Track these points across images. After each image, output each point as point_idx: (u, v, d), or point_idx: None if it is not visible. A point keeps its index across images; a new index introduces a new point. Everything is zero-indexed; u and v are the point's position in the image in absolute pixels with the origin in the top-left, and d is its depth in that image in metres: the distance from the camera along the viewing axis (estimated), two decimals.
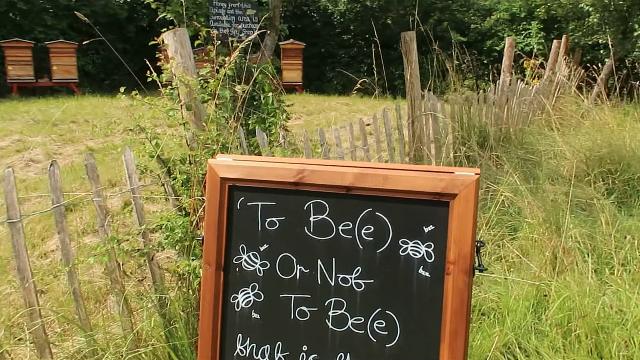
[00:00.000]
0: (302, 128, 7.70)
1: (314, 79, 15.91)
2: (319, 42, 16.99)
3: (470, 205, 1.45)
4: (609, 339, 2.17)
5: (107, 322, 2.21)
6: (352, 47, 17.04)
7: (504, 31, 15.24)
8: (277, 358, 1.62)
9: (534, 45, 13.61)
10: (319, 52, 16.80)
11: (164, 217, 2.04)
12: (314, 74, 15.99)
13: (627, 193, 4.11)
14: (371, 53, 5.71)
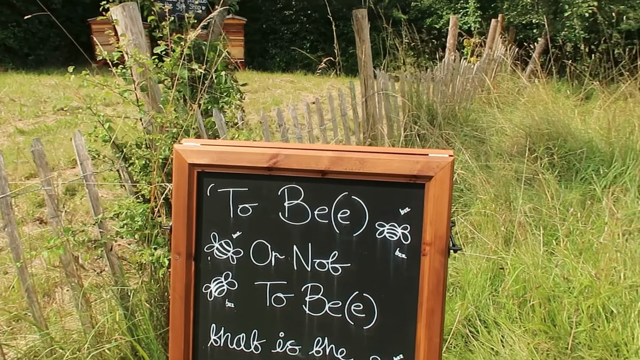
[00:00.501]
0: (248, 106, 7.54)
1: (256, 55, 15.59)
2: (260, 18, 16.60)
3: (445, 187, 1.47)
4: (560, 307, 2.31)
5: (61, 317, 2.09)
6: (294, 23, 16.80)
7: (443, 9, 15.54)
8: (253, 346, 1.60)
9: (471, 24, 14.00)
10: (260, 28, 16.43)
11: (122, 204, 1.92)
12: (256, 51, 15.66)
13: (564, 167, 4.36)
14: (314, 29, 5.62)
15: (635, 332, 2.21)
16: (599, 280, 2.38)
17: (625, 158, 4.01)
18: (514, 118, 5.45)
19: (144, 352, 1.83)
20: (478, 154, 4.12)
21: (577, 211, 3.13)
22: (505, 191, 3.17)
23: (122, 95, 1.98)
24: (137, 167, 2.00)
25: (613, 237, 2.67)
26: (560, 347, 2.20)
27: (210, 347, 1.61)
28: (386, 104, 4.32)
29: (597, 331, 2.23)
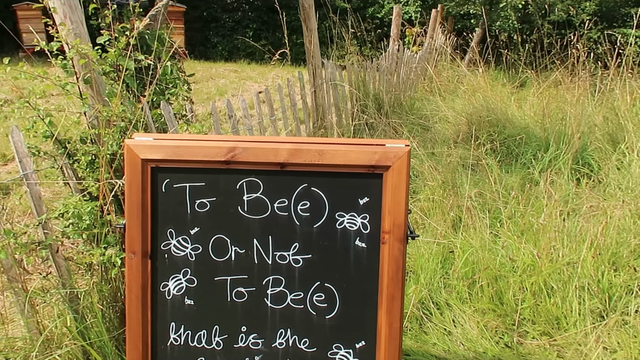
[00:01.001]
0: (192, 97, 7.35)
1: (198, 44, 15.17)
2: (201, 5, 16.13)
3: (403, 176, 1.50)
4: (506, 285, 2.44)
5: (3, 324, 1.97)
6: (236, 11, 16.45)
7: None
8: (214, 342, 1.58)
9: (412, 14, 14.29)
10: (200, 16, 15.97)
11: (68, 203, 1.83)
12: (197, 39, 15.23)
13: (504, 153, 4.57)
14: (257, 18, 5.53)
15: (574, 305, 2.37)
16: (540, 259, 2.53)
17: (559, 143, 4.26)
18: (455, 106, 5.64)
19: (97, 356, 1.76)
20: (424, 142, 4.24)
21: (518, 194, 3.29)
22: (451, 177, 3.28)
23: (65, 88, 1.88)
24: (83, 163, 1.90)
25: (551, 217, 2.84)
26: (508, 323, 2.33)
27: (170, 347, 1.57)
28: (334, 93, 4.34)
29: (540, 307, 2.38)
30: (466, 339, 2.24)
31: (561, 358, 2.19)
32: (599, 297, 2.41)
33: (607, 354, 2.15)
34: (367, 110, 4.41)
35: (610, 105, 5.30)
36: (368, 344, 1.56)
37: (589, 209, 3.11)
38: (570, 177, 3.73)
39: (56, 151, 1.97)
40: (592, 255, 2.51)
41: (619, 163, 3.98)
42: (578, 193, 3.52)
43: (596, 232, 2.66)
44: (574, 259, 2.53)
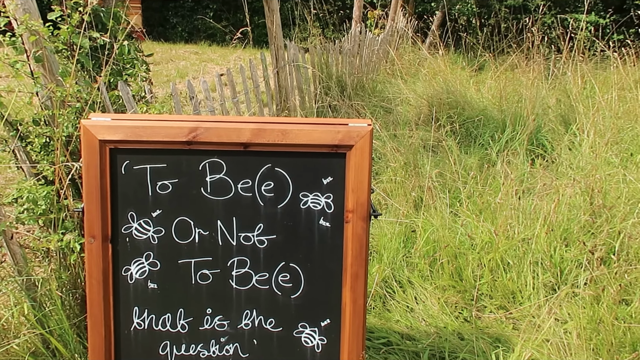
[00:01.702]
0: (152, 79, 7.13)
1: (156, 25, 14.68)
2: None
3: (365, 155, 1.52)
4: (465, 262, 2.52)
5: None
6: None
7: None
8: (179, 325, 1.57)
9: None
10: None
11: (22, 187, 1.76)
12: (155, 20, 14.74)
13: (464, 134, 4.68)
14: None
15: (528, 280, 2.47)
16: (497, 236, 2.62)
17: (515, 124, 4.40)
18: (417, 88, 5.71)
19: (57, 344, 1.72)
20: (387, 124, 4.29)
21: (477, 174, 3.39)
22: (413, 158, 3.34)
23: (14, 67, 1.79)
24: (36, 146, 1.83)
25: (508, 196, 2.94)
26: (467, 299, 2.42)
27: (134, 331, 1.55)
28: (297, 75, 4.32)
29: (497, 282, 2.47)
30: (428, 315, 2.31)
31: (516, 330, 2.29)
32: (551, 271, 2.52)
33: (559, 324, 2.27)
34: (330, 93, 4.42)
35: (562, 88, 5.50)
36: (333, 322, 1.59)
37: (543, 187, 3.24)
38: (525, 157, 3.86)
39: (7, 134, 1.89)
40: (545, 232, 2.62)
41: (570, 143, 4.15)
42: (532, 173, 3.65)
43: (549, 210, 2.78)
44: (529, 235, 2.63)
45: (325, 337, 1.59)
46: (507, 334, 2.23)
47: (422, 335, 2.16)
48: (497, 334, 2.21)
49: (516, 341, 2.13)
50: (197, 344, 1.56)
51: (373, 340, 2.12)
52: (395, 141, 3.60)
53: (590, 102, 4.95)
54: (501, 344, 2.12)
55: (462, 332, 2.21)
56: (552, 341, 2.08)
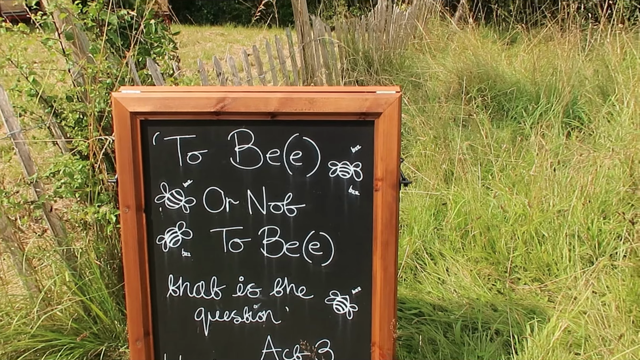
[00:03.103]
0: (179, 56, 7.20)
1: (182, 8, 14.76)
2: None
3: (394, 123, 1.50)
4: (498, 235, 2.48)
5: (2, 285, 1.98)
6: None
7: None
8: (213, 292, 1.60)
9: None
10: None
11: (59, 162, 1.81)
12: (181, 3, 14.81)
13: (495, 108, 4.56)
14: None
15: (564, 252, 2.42)
16: (531, 208, 2.56)
17: (549, 96, 4.25)
18: (446, 63, 5.58)
19: (98, 310, 1.79)
20: (415, 99, 4.22)
21: (509, 147, 3.31)
22: (443, 132, 3.28)
23: (46, 44, 1.83)
24: (70, 121, 1.87)
25: (542, 168, 2.86)
26: (500, 271, 2.38)
27: (170, 298, 1.59)
28: (324, 51, 4.28)
29: (531, 254, 2.42)
30: (460, 287, 2.29)
31: (551, 302, 2.25)
32: (588, 244, 2.45)
33: (596, 297, 2.21)
34: (357, 68, 4.36)
35: (601, 58, 5.28)
36: (364, 290, 1.59)
37: (579, 159, 3.14)
38: (560, 130, 3.74)
39: (42, 110, 1.94)
40: (582, 204, 2.55)
41: (608, 115, 3.99)
42: (568, 145, 3.54)
43: (586, 182, 2.69)
44: (565, 207, 2.57)
45: (357, 305, 1.59)
46: (542, 305, 2.19)
47: (454, 307, 2.14)
48: (531, 306, 2.18)
49: (551, 313, 2.09)
50: (230, 311, 1.59)
51: (404, 311, 2.12)
52: (424, 115, 3.54)
53: (630, 72, 4.74)
54: (536, 315, 2.08)
55: (495, 304, 2.18)
56: (589, 313, 2.03)
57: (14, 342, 1.68)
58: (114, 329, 1.91)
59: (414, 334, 1.99)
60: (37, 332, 1.71)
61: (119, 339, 1.93)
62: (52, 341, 1.74)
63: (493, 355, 1.89)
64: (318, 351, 1.61)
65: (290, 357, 1.62)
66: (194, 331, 1.61)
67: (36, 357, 1.71)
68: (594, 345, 1.90)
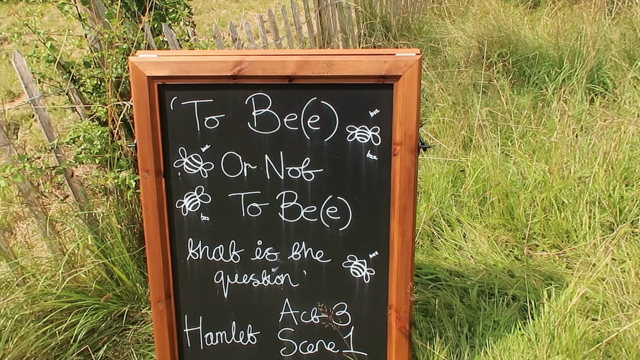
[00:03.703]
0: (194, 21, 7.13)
1: None
2: None
3: (414, 86, 1.47)
4: (517, 201, 2.45)
5: (29, 248, 2.04)
6: None
7: None
8: (232, 256, 1.62)
9: None
10: None
11: (78, 127, 1.83)
12: None
13: (516, 74, 4.45)
14: None
15: (584, 219, 2.39)
16: (551, 174, 2.52)
17: (573, 61, 4.13)
18: (466, 28, 5.43)
19: (120, 273, 1.83)
20: (434, 65, 4.13)
21: (530, 114, 3.24)
22: (462, 98, 3.22)
23: (62, 9, 1.82)
24: (88, 87, 1.88)
25: (564, 135, 2.80)
26: (518, 237, 2.37)
27: (190, 261, 1.62)
28: (340, 16, 4.19)
29: (550, 221, 2.40)
30: (477, 253, 2.28)
31: (570, 268, 2.23)
32: (609, 211, 2.42)
33: (616, 264, 2.19)
34: (375, 34, 4.27)
35: (628, 21, 5.08)
36: (381, 254, 1.60)
37: (602, 126, 3.06)
38: (584, 96, 3.64)
39: (60, 77, 1.95)
40: (605, 170, 2.50)
41: (634, 80, 3.87)
42: (591, 111, 3.45)
43: (609, 148, 2.63)
44: (586, 174, 2.52)
45: (374, 269, 1.60)
46: (560, 272, 2.18)
47: (471, 272, 2.15)
48: (549, 272, 2.17)
49: (569, 279, 2.08)
50: (249, 274, 1.62)
51: (421, 276, 2.13)
52: (443, 81, 3.47)
53: None
54: (553, 281, 2.08)
55: (512, 270, 2.18)
56: (607, 280, 2.02)
57: (40, 302, 1.74)
58: (135, 291, 1.96)
59: (430, 299, 2.01)
60: (63, 293, 1.77)
61: (141, 300, 1.98)
62: (77, 302, 1.79)
63: (509, 320, 1.90)
64: (335, 314, 1.64)
65: (308, 319, 1.65)
66: (213, 293, 1.64)
67: (62, 316, 1.77)
68: (611, 312, 1.90)
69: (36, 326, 1.70)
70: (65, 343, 1.78)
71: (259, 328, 1.67)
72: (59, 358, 1.75)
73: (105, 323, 1.88)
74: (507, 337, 1.83)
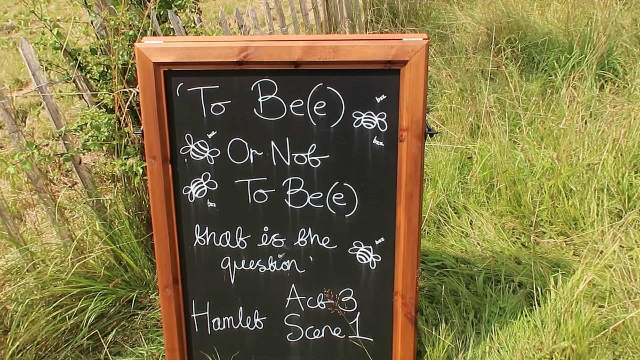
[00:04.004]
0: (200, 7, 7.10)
1: None
2: None
3: (421, 71, 1.46)
4: (524, 188, 2.44)
5: (38, 234, 2.06)
6: None
7: None
8: (239, 242, 1.63)
9: None
10: None
11: (85, 114, 1.83)
12: None
13: (525, 61, 4.40)
14: None
15: (592, 206, 2.37)
16: (559, 161, 2.51)
17: (583, 47, 4.07)
18: (474, 14, 5.37)
19: (128, 259, 1.85)
20: (442, 51, 4.09)
21: (538, 100, 3.21)
22: (470, 85, 3.19)
23: None
24: (95, 74, 1.88)
25: (573, 121, 2.78)
26: (525, 224, 2.36)
27: (197, 247, 1.64)
28: (347, 2, 4.15)
29: (558, 208, 2.39)
30: (483, 240, 2.28)
31: (577, 256, 2.23)
32: (618, 198, 2.40)
33: (623, 251, 2.18)
34: (382, 20, 4.23)
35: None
36: (387, 240, 1.60)
37: (612, 112, 3.03)
38: (594, 82, 3.60)
39: (67, 64, 1.95)
40: (614, 157, 2.48)
41: None
42: (601, 98, 3.41)
43: (618, 135, 2.61)
44: (594, 161, 2.50)
45: (380, 255, 1.61)
46: (567, 259, 2.18)
47: (477, 259, 2.15)
48: (556, 259, 2.16)
49: (576, 266, 2.08)
50: (256, 260, 1.63)
51: (427, 263, 2.13)
52: (450, 67, 3.44)
53: None
54: (560, 268, 2.07)
55: (519, 257, 2.18)
56: (615, 267, 2.01)
57: (50, 287, 1.76)
58: (144, 277, 1.98)
59: (436, 286, 2.01)
60: (72, 278, 1.79)
61: (149, 286, 2.00)
62: (86, 287, 1.82)
63: (515, 307, 1.90)
64: (341, 299, 1.64)
65: (314, 305, 1.66)
66: (220, 279, 1.65)
67: (72, 302, 1.79)
68: (618, 299, 1.89)
69: (46, 311, 1.73)
70: (75, 327, 1.81)
71: (265, 313, 1.68)
72: (69, 342, 1.78)
73: (114, 308, 1.91)
74: (513, 324, 1.83)
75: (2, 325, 1.74)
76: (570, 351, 1.63)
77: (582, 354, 1.62)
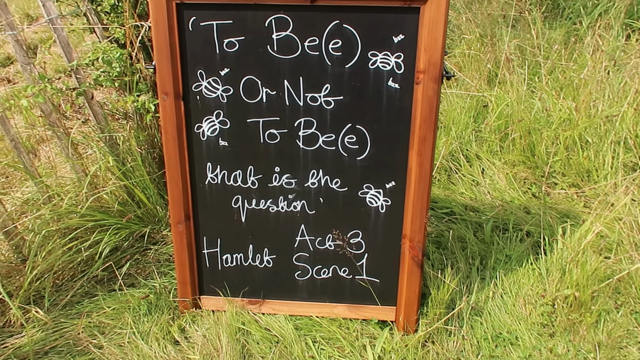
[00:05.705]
0: None
1: None
2: None
3: (442, 10, 1.40)
4: (539, 139, 2.40)
5: (52, 168, 2.09)
6: None
7: None
8: (250, 181, 1.64)
9: None
10: None
11: (97, 48, 1.81)
12: None
13: (549, 7, 4.22)
14: None
15: (607, 159, 2.34)
16: (577, 112, 2.45)
17: None
18: None
19: (141, 195, 1.88)
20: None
21: (561, 49, 3.10)
22: (490, 30, 3.08)
23: None
24: (106, 7, 1.84)
25: (594, 71, 2.69)
26: (537, 175, 2.34)
27: (208, 185, 1.65)
28: None
29: (572, 160, 2.36)
30: (494, 189, 2.28)
31: (587, 208, 2.22)
32: (634, 151, 2.36)
33: (635, 204, 2.17)
34: None
35: None
36: (398, 184, 1.60)
37: (637, 63, 2.93)
38: (620, 31, 3.45)
39: None
40: (634, 109, 2.42)
41: None
42: (626, 49, 3.29)
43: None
44: (614, 112, 2.44)
45: (390, 199, 1.61)
46: (576, 210, 2.17)
47: (487, 208, 2.15)
48: (566, 210, 2.16)
49: (586, 217, 2.08)
50: (266, 200, 1.65)
51: (436, 209, 2.14)
52: (471, 12, 3.31)
53: None
54: (569, 219, 2.07)
55: (529, 207, 2.17)
56: (625, 220, 2.01)
57: (65, 220, 1.81)
58: (156, 213, 2.02)
59: (444, 232, 2.03)
60: (86, 212, 1.83)
61: (161, 222, 2.04)
62: (100, 221, 1.86)
63: (521, 255, 1.92)
64: (350, 241, 1.67)
65: (323, 245, 1.69)
66: (231, 217, 1.68)
67: (87, 234, 1.84)
68: (625, 250, 1.90)
69: (62, 242, 1.78)
70: (90, 259, 1.86)
71: (275, 252, 1.71)
72: (85, 272, 1.84)
73: (127, 242, 1.96)
74: (518, 271, 1.85)
75: (20, 254, 1.80)
76: (572, 299, 1.66)
77: (584, 301, 1.65)
